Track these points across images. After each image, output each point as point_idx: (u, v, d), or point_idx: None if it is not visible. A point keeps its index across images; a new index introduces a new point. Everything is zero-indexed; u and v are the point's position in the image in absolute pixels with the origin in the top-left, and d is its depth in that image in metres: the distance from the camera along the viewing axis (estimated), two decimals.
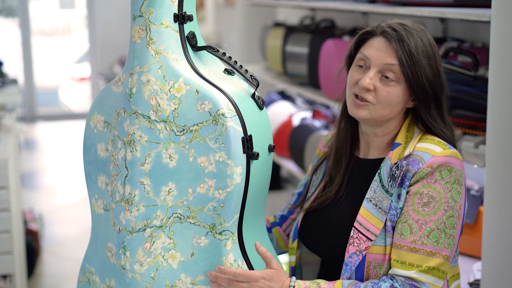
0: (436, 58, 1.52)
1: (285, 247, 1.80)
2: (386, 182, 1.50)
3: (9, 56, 9.00)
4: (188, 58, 1.53)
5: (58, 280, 3.97)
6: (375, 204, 1.50)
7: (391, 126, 1.56)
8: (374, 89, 1.51)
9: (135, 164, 1.48)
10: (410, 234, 1.45)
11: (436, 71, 1.51)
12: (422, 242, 1.44)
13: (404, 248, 1.44)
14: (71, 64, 10.27)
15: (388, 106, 1.51)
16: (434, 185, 1.46)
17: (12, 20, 9.62)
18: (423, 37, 1.51)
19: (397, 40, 1.49)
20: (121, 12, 8.48)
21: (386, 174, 1.51)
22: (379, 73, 1.51)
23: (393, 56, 1.49)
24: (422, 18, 2.79)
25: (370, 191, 1.52)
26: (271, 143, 1.58)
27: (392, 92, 1.50)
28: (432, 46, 1.52)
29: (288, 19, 4.36)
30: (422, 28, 1.55)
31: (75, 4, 11.01)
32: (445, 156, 1.48)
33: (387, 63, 1.50)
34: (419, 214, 1.45)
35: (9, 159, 2.95)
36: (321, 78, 3.05)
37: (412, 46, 1.48)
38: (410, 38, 1.49)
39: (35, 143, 7.69)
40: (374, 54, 1.51)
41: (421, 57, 1.48)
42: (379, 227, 1.48)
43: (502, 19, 1.80)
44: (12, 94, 3.64)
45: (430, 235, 1.44)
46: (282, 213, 1.80)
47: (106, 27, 8.56)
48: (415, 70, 1.48)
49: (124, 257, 1.51)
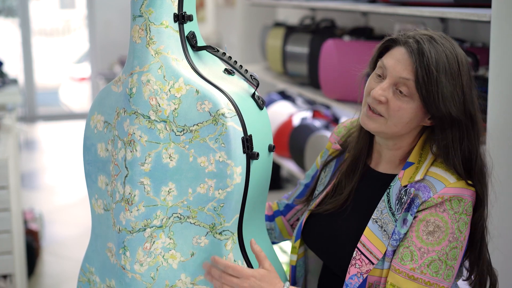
0: (463, 79, 1.40)
1: (288, 236, 1.78)
2: (394, 205, 1.45)
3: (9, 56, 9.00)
4: (188, 58, 1.53)
5: (58, 280, 3.97)
6: (381, 226, 1.45)
7: (404, 141, 1.49)
8: (386, 102, 1.44)
9: (135, 164, 1.48)
10: (410, 261, 1.40)
11: (459, 92, 1.40)
12: (422, 271, 1.39)
13: (402, 275, 1.40)
14: (71, 64, 10.27)
15: (400, 122, 1.43)
16: (442, 214, 1.40)
17: (12, 20, 9.62)
18: (450, 53, 1.40)
19: (417, 53, 1.40)
20: (121, 12, 8.48)
21: (394, 195, 1.45)
22: (393, 85, 1.43)
23: (410, 70, 1.40)
24: (422, 18, 2.79)
25: (377, 212, 1.47)
26: (271, 143, 1.58)
27: (405, 108, 1.42)
28: (460, 64, 1.40)
29: (288, 19, 4.36)
30: (454, 43, 1.44)
31: (75, 4, 11.01)
32: (459, 188, 1.42)
33: (402, 77, 1.42)
34: (422, 242, 1.40)
35: (9, 159, 2.95)
36: (321, 78, 3.05)
37: (432, 61, 1.38)
38: (433, 52, 1.38)
39: (35, 143, 7.69)
40: (392, 65, 1.43)
41: (441, 75, 1.38)
42: (382, 251, 1.44)
43: (502, 19, 1.80)
44: (12, 94, 3.64)
45: (430, 265, 1.39)
46: (287, 202, 1.77)
47: (106, 27, 8.56)
48: (431, 89, 1.38)
49: (124, 257, 1.51)
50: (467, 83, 1.42)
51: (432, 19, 2.79)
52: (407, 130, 1.46)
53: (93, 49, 8.74)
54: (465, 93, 1.41)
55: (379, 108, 1.45)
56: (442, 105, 1.39)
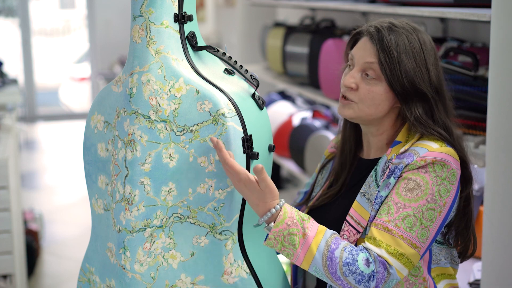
0: (426, 58, 1.51)
1: None
2: (379, 176, 1.51)
3: (9, 56, 9.00)
4: (188, 58, 1.53)
5: (58, 280, 3.97)
6: (368, 198, 1.51)
7: (384, 125, 1.57)
8: (357, 88, 1.53)
9: (135, 164, 1.48)
10: (386, 214, 1.45)
11: (422, 69, 1.50)
12: (396, 224, 1.43)
13: (378, 227, 1.44)
14: (71, 64, 10.27)
15: (372, 104, 1.52)
16: (424, 175, 1.45)
17: (12, 20, 9.63)
18: (412, 36, 1.51)
19: (377, 38, 1.51)
20: (121, 12, 8.48)
21: (380, 169, 1.52)
22: (361, 71, 1.53)
23: (373, 54, 1.51)
24: (422, 18, 2.79)
25: (365, 186, 1.53)
26: (271, 143, 1.58)
27: (374, 90, 1.51)
28: (422, 44, 1.51)
29: (288, 19, 4.35)
30: (416, 27, 1.55)
31: (75, 4, 11.01)
32: (441, 152, 1.47)
33: (366, 61, 1.52)
34: (400, 197, 1.45)
35: (9, 159, 2.95)
36: (321, 78, 3.05)
37: (391, 44, 1.49)
38: (392, 36, 1.50)
39: (35, 143, 7.69)
40: (357, 53, 1.54)
41: (401, 55, 1.48)
42: (366, 219, 1.49)
43: (502, 19, 1.80)
44: (12, 94, 3.64)
45: (405, 220, 1.43)
46: None
47: (106, 27, 8.56)
48: (393, 68, 1.48)
49: (124, 257, 1.51)
50: (431, 61, 1.52)
51: (432, 19, 2.79)
52: (382, 113, 1.54)
53: (93, 49, 8.74)
54: (429, 69, 1.51)
55: (351, 95, 1.54)
56: (406, 81, 1.49)
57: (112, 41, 8.48)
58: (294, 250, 1.42)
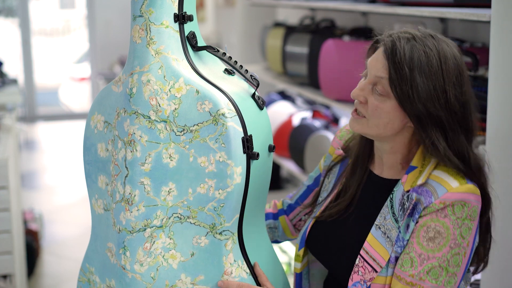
0: (444, 77, 1.36)
1: (291, 235, 1.77)
2: (397, 211, 1.41)
3: (9, 56, 9.00)
4: (188, 58, 1.53)
5: (58, 280, 3.98)
6: (384, 232, 1.42)
7: (398, 144, 1.46)
8: (366, 102, 1.43)
9: (135, 164, 1.48)
10: (410, 268, 1.37)
11: (439, 91, 1.36)
12: (420, 278, 1.36)
13: (403, 281, 1.37)
14: (71, 64, 10.27)
15: (380, 123, 1.41)
16: (443, 219, 1.36)
17: (12, 20, 9.63)
18: (432, 51, 1.37)
19: (390, 51, 1.38)
20: (121, 12, 8.48)
21: (397, 201, 1.42)
22: (372, 85, 1.43)
23: (385, 69, 1.39)
24: (422, 18, 2.79)
25: (380, 218, 1.43)
26: (271, 143, 1.58)
27: (382, 107, 1.40)
28: (441, 62, 1.37)
29: (288, 19, 4.35)
30: (441, 40, 1.40)
31: (75, 4, 11.01)
32: (461, 192, 1.37)
33: (377, 75, 1.41)
34: (423, 248, 1.36)
35: (9, 159, 2.95)
36: (321, 78, 3.05)
37: (404, 59, 1.36)
38: (407, 50, 1.36)
39: (35, 143, 7.69)
40: (371, 64, 1.43)
41: (414, 73, 1.35)
42: (386, 258, 1.40)
43: (502, 19, 1.80)
44: (12, 94, 3.64)
45: (430, 272, 1.35)
46: (290, 202, 1.76)
47: (106, 27, 8.56)
48: (404, 87, 1.36)
49: (124, 257, 1.51)
50: (451, 81, 1.37)
51: (431, 19, 2.79)
52: (391, 132, 1.43)
53: (93, 49, 8.74)
54: (447, 91, 1.37)
55: (361, 108, 1.44)
56: (418, 102, 1.36)
57: (112, 41, 8.49)
58: None
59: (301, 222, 1.76)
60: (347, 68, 2.82)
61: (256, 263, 1.52)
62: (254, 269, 1.51)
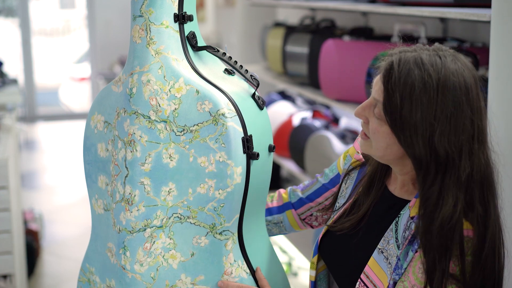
0: (438, 107, 1.23)
1: (299, 228, 1.72)
2: (400, 237, 1.35)
3: (9, 56, 9.00)
4: (188, 58, 1.53)
5: (58, 280, 3.98)
6: (386, 257, 1.36)
7: (406, 167, 1.37)
8: (368, 122, 1.36)
9: (135, 164, 1.48)
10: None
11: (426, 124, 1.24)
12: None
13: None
14: (71, 64, 10.28)
15: (379, 146, 1.34)
16: None
17: (12, 20, 9.63)
18: (431, 77, 1.24)
19: (385, 75, 1.29)
20: (121, 12, 8.48)
21: (402, 225, 1.35)
22: (373, 106, 1.35)
23: (381, 92, 1.30)
24: (422, 18, 2.79)
25: (384, 242, 1.37)
26: (271, 143, 1.58)
27: (379, 131, 1.32)
28: (438, 91, 1.23)
29: (288, 19, 4.35)
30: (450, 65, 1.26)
31: (75, 4, 11.01)
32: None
33: (374, 98, 1.33)
34: (416, 279, 1.29)
35: (9, 159, 2.95)
36: (321, 78, 3.05)
37: (398, 85, 1.25)
38: (402, 75, 1.25)
39: (35, 143, 7.69)
40: (374, 84, 1.35)
41: (405, 101, 1.24)
42: (385, 285, 1.35)
43: (502, 19, 1.80)
44: (12, 94, 3.64)
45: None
46: (301, 196, 1.70)
47: (106, 27, 8.56)
48: (395, 115, 1.26)
49: (124, 257, 1.51)
50: (445, 116, 1.24)
51: (432, 19, 2.79)
52: (392, 156, 1.34)
53: (93, 49, 8.74)
54: (436, 128, 1.24)
55: (365, 128, 1.38)
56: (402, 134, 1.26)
57: (112, 41, 8.49)
58: None
59: (312, 217, 1.70)
60: (347, 68, 2.82)
61: (258, 268, 1.52)
62: (255, 273, 1.51)
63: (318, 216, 1.70)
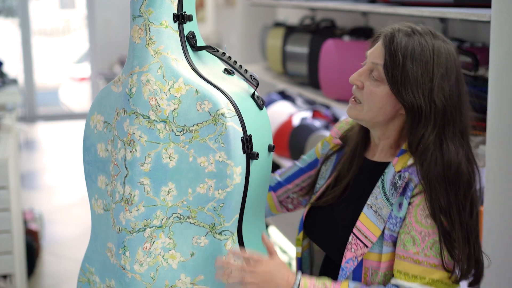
0: (434, 68, 1.45)
1: (276, 211, 1.81)
2: (388, 190, 1.48)
3: (9, 56, 9.00)
4: (187, 58, 1.53)
5: (58, 280, 3.98)
6: (375, 211, 1.48)
7: (390, 130, 1.54)
8: (362, 87, 1.52)
9: (134, 164, 1.48)
10: (413, 246, 1.42)
11: (426, 80, 1.45)
12: (425, 254, 1.41)
13: (408, 260, 1.42)
14: (71, 64, 10.27)
15: (374, 107, 1.49)
16: None
17: (12, 20, 9.63)
18: (427, 43, 1.46)
19: (388, 41, 1.48)
20: (121, 12, 8.48)
21: (388, 181, 1.49)
22: (369, 71, 1.52)
23: (381, 56, 1.49)
24: (422, 18, 2.79)
25: (372, 197, 1.50)
26: (271, 143, 1.58)
27: (375, 92, 1.49)
28: (434, 54, 1.45)
29: (288, 19, 4.35)
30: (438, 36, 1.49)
31: (75, 4, 11.01)
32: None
33: (374, 62, 1.50)
34: (422, 225, 1.42)
35: (9, 159, 2.95)
36: (321, 78, 3.05)
37: (399, 47, 1.45)
38: (403, 40, 1.46)
39: (35, 143, 7.69)
40: (370, 54, 1.53)
41: (406, 61, 1.44)
42: (377, 235, 1.46)
43: (502, 19, 1.80)
44: (12, 94, 3.64)
45: (433, 247, 1.41)
46: (279, 180, 1.80)
47: (106, 27, 8.56)
48: (396, 73, 1.45)
49: (124, 257, 1.50)
50: (441, 73, 1.45)
51: (432, 19, 2.79)
52: (384, 117, 1.51)
53: (93, 49, 8.74)
54: (434, 81, 1.45)
55: (358, 93, 1.53)
56: (406, 88, 1.44)
57: (112, 41, 8.48)
58: None
59: (288, 199, 1.80)
60: (347, 68, 2.82)
61: (263, 234, 1.53)
62: (263, 241, 1.52)
63: (294, 198, 1.79)
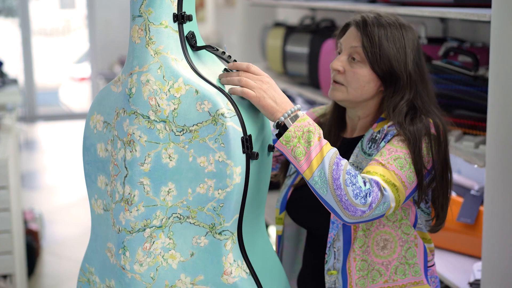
0: (406, 43, 1.64)
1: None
2: (366, 145, 1.63)
3: (9, 56, 9.00)
4: (187, 58, 1.53)
5: (58, 280, 3.98)
6: (357, 166, 1.62)
7: (370, 108, 1.69)
8: (344, 71, 1.66)
9: (134, 164, 1.48)
10: (379, 156, 1.55)
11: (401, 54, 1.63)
12: (388, 162, 1.54)
13: (372, 163, 1.54)
14: (71, 64, 10.27)
15: (358, 86, 1.65)
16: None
17: (12, 20, 9.63)
18: (394, 23, 1.65)
19: (361, 25, 1.65)
20: (121, 12, 8.48)
21: (366, 140, 1.64)
22: (348, 56, 1.67)
23: (358, 39, 1.65)
24: (422, 18, 2.79)
25: (353, 156, 1.64)
26: (270, 143, 1.58)
27: (359, 72, 1.64)
28: (403, 32, 1.65)
29: (288, 19, 4.35)
30: (399, 18, 1.68)
31: (75, 4, 11.01)
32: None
33: (352, 46, 1.66)
34: (392, 145, 1.57)
35: (9, 159, 2.95)
36: (321, 78, 3.05)
37: (374, 30, 1.64)
38: (375, 23, 1.64)
39: (35, 143, 7.69)
40: (345, 41, 1.68)
41: (382, 40, 1.63)
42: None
43: (502, 19, 1.80)
44: (12, 94, 3.64)
45: (396, 160, 1.54)
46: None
47: (106, 27, 8.56)
48: (374, 51, 1.62)
49: (123, 257, 1.50)
50: (410, 46, 1.65)
51: (432, 19, 2.79)
52: (368, 95, 1.66)
53: (93, 49, 8.74)
54: (407, 54, 1.64)
55: (339, 78, 1.67)
56: (383, 63, 1.62)
57: (112, 41, 8.49)
58: (308, 148, 1.46)
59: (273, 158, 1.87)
60: None
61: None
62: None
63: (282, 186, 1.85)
